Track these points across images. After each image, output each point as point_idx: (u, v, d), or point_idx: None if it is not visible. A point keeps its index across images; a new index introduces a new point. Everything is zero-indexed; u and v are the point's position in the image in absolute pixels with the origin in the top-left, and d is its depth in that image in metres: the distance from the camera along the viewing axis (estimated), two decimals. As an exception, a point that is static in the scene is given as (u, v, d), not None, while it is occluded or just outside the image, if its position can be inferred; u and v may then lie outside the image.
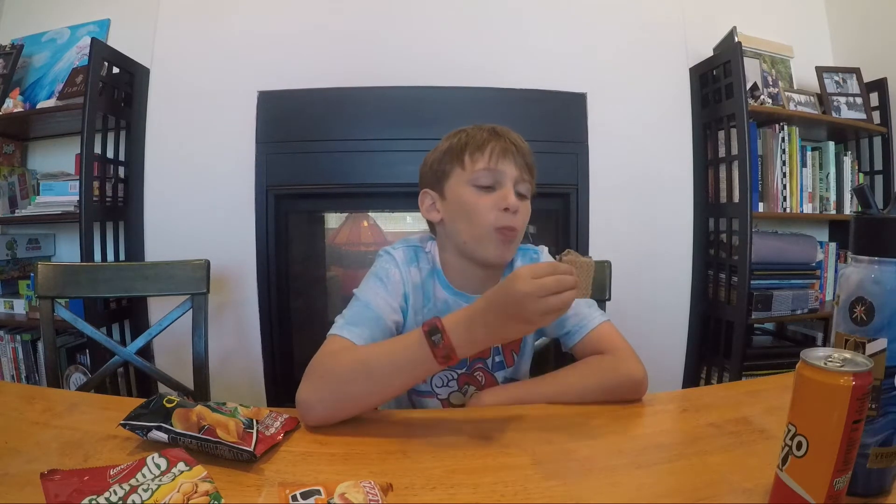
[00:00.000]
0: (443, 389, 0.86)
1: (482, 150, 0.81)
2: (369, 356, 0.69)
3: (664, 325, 1.98)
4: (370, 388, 0.67)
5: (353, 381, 0.67)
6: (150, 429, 0.57)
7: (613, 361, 0.78)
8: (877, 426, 0.46)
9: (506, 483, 0.53)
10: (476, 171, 0.81)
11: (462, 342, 0.63)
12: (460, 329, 0.64)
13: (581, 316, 0.84)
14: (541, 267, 0.62)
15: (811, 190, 1.98)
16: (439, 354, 0.63)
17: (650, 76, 1.95)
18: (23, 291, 1.89)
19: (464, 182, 0.82)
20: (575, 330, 0.84)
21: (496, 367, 0.87)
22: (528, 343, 0.91)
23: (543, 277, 0.60)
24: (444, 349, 0.63)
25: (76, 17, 1.98)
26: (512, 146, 0.82)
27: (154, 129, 1.85)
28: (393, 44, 1.85)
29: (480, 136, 0.83)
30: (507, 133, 0.84)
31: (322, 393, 0.67)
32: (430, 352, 0.63)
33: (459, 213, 0.82)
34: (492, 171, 0.80)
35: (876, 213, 0.49)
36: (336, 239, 2.11)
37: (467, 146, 0.82)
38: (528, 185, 0.84)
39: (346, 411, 0.68)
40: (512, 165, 0.81)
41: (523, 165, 0.82)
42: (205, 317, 1.13)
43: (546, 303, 0.60)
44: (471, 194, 0.81)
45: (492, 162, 0.80)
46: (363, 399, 0.68)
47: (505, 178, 0.81)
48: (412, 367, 0.66)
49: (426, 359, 0.64)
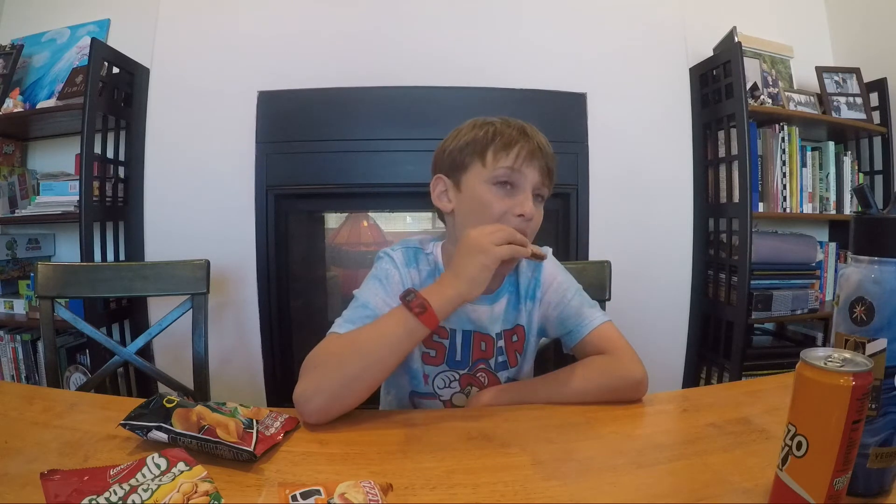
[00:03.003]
0: (445, 391, 0.85)
1: (508, 150, 0.78)
2: (356, 335, 0.72)
3: (664, 325, 1.98)
4: (363, 366, 0.68)
5: (346, 362, 0.68)
6: (150, 429, 0.57)
7: (614, 362, 0.78)
8: (877, 426, 0.46)
9: (506, 483, 0.53)
10: (498, 168, 0.78)
11: (432, 293, 0.69)
12: (432, 288, 0.71)
13: (582, 316, 0.83)
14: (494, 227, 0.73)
15: (811, 190, 1.98)
16: (414, 306, 0.67)
17: (650, 76, 1.95)
18: (23, 291, 1.89)
19: (483, 178, 0.79)
20: (576, 330, 0.83)
21: (499, 366, 0.87)
22: (531, 343, 0.90)
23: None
24: (418, 300, 0.68)
25: (76, 17, 1.98)
26: (539, 150, 0.79)
27: (154, 129, 1.85)
28: (393, 44, 1.85)
29: (509, 133, 0.79)
30: (536, 135, 0.81)
31: (318, 382, 0.67)
32: (407, 312, 0.67)
33: (472, 209, 0.80)
34: (515, 171, 0.78)
35: (876, 213, 0.49)
36: (336, 239, 2.11)
37: (493, 142, 0.79)
38: (547, 191, 0.82)
39: (344, 397, 0.67)
40: (535, 170, 0.79)
41: (545, 170, 0.80)
42: (205, 317, 1.13)
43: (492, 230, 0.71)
44: (488, 193, 0.79)
45: (517, 163, 0.78)
46: (359, 380, 0.68)
47: (526, 183, 0.78)
48: (397, 335, 0.68)
49: (406, 319, 0.68)
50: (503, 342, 0.86)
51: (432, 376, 0.85)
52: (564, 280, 0.89)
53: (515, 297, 0.88)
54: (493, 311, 0.86)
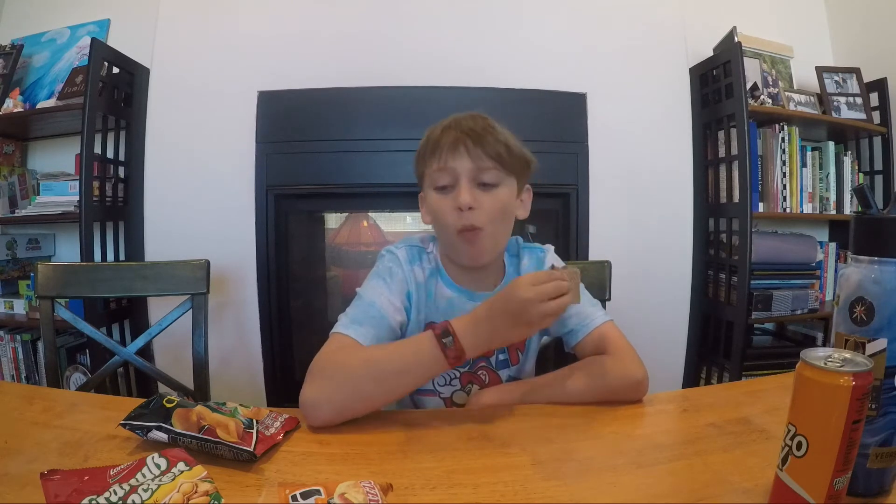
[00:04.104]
0: (445, 388, 0.85)
1: (436, 150, 0.78)
2: (379, 357, 0.69)
3: (664, 325, 1.98)
4: (379, 390, 0.68)
5: (363, 381, 0.67)
6: (151, 429, 0.57)
7: (614, 362, 0.78)
8: (877, 426, 0.46)
9: (506, 483, 0.53)
10: (433, 174, 0.79)
11: (470, 345, 0.66)
12: (468, 332, 0.67)
13: (583, 315, 0.83)
14: (539, 275, 0.67)
15: (811, 190, 1.98)
16: (451, 356, 0.66)
17: (650, 76, 1.95)
18: (23, 291, 1.89)
19: (429, 185, 0.80)
20: (577, 329, 0.83)
21: (500, 365, 0.87)
22: (534, 341, 0.90)
23: (543, 284, 0.65)
24: (456, 350, 0.66)
25: (76, 17, 1.98)
26: (464, 136, 0.76)
27: (154, 129, 1.85)
28: (392, 44, 1.85)
29: (435, 134, 0.79)
30: (464, 121, 0.79)
31: (330, 392, 0.66)
32: (440, 353, 0.66)
33: (433, 219, 0.81)
34: (444, 170, 0.77)
35: (876, 213, 0.49)
36: (336, 239, 2.11)
37: (426, 147, 0.80)
38: (495, 172, 0.78)
39: (353, 412, 0.67)
40: (464, 158, 0.76)
41: (480, 155, 0.76)
42: (205, 317, 1.13)
43: (545, 307, 0.65)
44: (434, 198, 0.79)
45: (442, 161, 0.77)
46: (371, 400, 0.68)
47: (458, 175, 0.77)
48: (422, 368, 0.68)
49: (436, 360, 0.66)
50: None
51: None
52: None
53: None
54: None
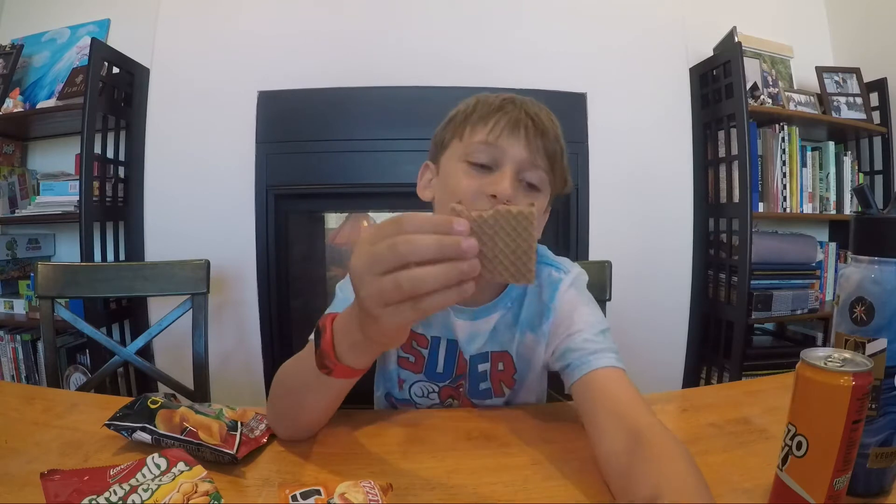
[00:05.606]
0: (423, 400, 0.76)
1: (487, 120, 0.64)
2: (284, 369, 0.60)
3: (664, 325, 1.98)
4: (291, 404, 0.59)
5: (279, 397, 0.61)
6: (135, 429, 0.57)
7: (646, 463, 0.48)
8: (877, 426, 0.46)
9: (506, 483, 0.53)
10: (472, 143, 0.65)
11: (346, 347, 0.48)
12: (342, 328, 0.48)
13: (585, 351, 0.63)
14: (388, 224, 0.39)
15: (811, 190, 1.98)
16: (317, 362, 0.49)
17: (650, 76, 1.95)
18: (23, 291, 1.89)
19: (458, 156, 0.66)
20: (576, 364, 0.62)
21: (479, 394, 0.74)
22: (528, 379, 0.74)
23: (386, 239, 0.38)
24: (320, 354, 0.49)
25: (76, 17, 1.98)
26: (528, 120, 0.64)
27: (154, 129, 1.85)
28: (393, 44, 1.85)
29: (490, 101, 0.67)
30: (526, 104, 0.66)
31: (268, 410, 0.63)
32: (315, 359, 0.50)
33: (443, 194, 0.68)
34: (490, 146, 0.63)
35: (876, 213, 0.49)
36: (336, 239, 2.11)
37: (472, 114, 0.67)
38: (544, 176, 0.65)
39: (290, 430, 0.61)
40: (520, 145, 0.63)
41: (539, 147, 0.64)
42: (205, 317, 1.13)
43: (379, 284, 0.38)
44: (458, 171, 0.65)
45: (492, 135, 0.63)
46: (289, 417, 0.60)
47: (504, 158, 0.63)
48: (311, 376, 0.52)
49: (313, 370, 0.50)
50: (488, 366, 0.72)
51: (409, 383, 0.76)
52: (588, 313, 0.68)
53: (513, 319, 0.72)
54: (474, 327, 0.71)
